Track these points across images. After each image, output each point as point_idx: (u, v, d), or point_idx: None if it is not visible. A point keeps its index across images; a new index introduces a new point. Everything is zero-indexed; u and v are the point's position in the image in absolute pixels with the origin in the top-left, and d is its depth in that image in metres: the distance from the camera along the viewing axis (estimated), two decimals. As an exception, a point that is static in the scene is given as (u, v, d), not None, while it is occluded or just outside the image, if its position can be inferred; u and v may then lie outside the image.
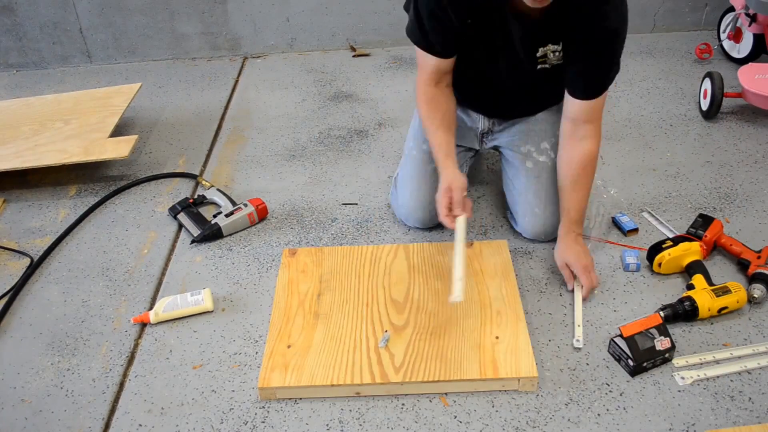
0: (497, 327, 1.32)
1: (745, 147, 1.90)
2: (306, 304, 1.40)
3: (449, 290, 1.27)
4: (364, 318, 1.36)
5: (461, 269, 1.27)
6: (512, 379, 1.22)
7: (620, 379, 1.25)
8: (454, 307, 1.36)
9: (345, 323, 1.35)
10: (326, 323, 1.35)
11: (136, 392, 1.29)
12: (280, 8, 2.52)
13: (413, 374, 1.23)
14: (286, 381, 1.23)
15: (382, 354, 1.27)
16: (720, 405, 1.20)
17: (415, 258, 1.51)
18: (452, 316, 1.35)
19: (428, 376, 1.23)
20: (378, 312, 1.37)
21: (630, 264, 1.49)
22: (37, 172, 1.89)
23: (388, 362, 1.25)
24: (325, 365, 1.26)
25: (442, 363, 1.25)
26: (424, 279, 1.45)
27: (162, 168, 1.95)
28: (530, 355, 1.25)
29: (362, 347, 1.29)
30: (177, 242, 1.67)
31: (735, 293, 1.35)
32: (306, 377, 1.24)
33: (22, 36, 2.53)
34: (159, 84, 2.44)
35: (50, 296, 1.53)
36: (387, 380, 1.22)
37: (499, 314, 1.35)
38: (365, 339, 1.31)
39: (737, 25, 2.26)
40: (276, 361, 1.27)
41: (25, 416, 1.26)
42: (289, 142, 2.05)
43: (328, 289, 1.43)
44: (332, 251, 1.54)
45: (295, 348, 1.30)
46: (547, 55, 1.36)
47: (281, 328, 1.35)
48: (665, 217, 1.64)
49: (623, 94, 2.18)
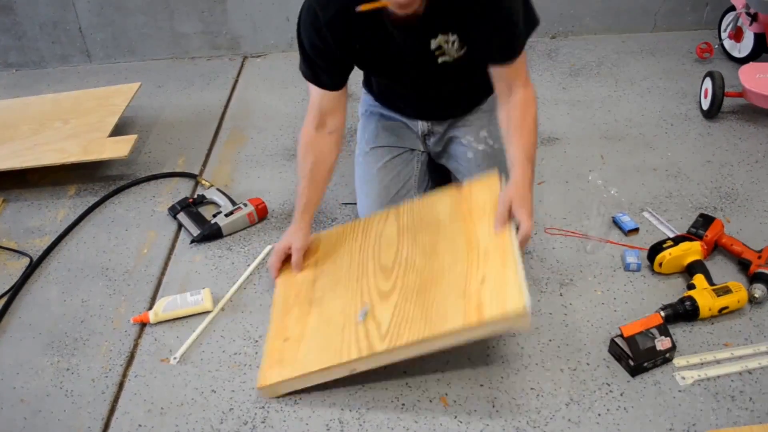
0: (484, 267, 1.19)
1: (746, 146, 1.90)
2: (302, 293, 1.37)
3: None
4: (354, 293, 1.30)
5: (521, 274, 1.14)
6: (499, 321, 1.10)
7: (621, 380, 1.25)
8: (441, 257, 1.27)
9: (335, 304, 1.30)
10: (319, 308, 1.31)
11: (135, 392, 1.29)
12: (279, 7, 2.52)
13: (398, 338, 1.15)
14: (282, 375, 1.21)
15: (369, 325, 1.21)
16: (721, 405, 1.20)
17: (405, 218, 1.42)
18: (439, 268, 1.25)
19: (412, 336, 1.14)
20: (367, 284, 1.30)
21: (630, 264, 1.48)
22: (37, 171, 1.89)
23: (374, 332, 1.19)
24: (317, 350, 1.22)
25: (425, 321, 1.16)
26: (412, 237, 1.36)
27: (161, 167, 1.95)
28: (518, 288, 1.10)
29: (350, 323, 1.23)
30: (177, 242, 1.67)
31: (736, 293, 1.35)
32: (299, 367, 1.21)
33: (22, 35, 2.53)
34: (158, 83, 2.44)
35: (50, 296, 1.53)
36: (373, 350, 1.16)
37: (487, 253, 1.21)
38: (353, 315, 1.25)
39: (738, 24, 2.26)
40: (272, 358, 1.25)
41: (24, 416, 1.25)
42: (289, 141, 2.05)
43: (322, 273, 1.39)
44: (325, 235, 1.50)
45: (291, 340, 1.27)
46: (442, 46, 1.31)
47: (279, 322, 1.32)
48: (666, 217, 1.64)
49: (624, 93, 2.18)
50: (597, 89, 2.20)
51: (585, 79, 2.27)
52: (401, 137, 1.59)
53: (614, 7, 2.50)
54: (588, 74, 2.29)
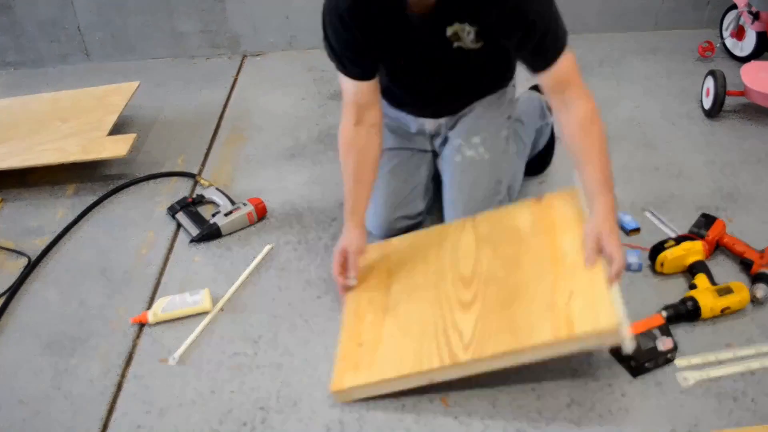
0: (571, 282, 1.17)
1: (748, 146, 1.89)
2: (376, 299, 1.34)
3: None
4: (432, 301, 1.27)
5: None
6: (590, 336, 1.08)
7: (622, 380, 1.24)
8: (525, 271, 1.24)
9: (412, 311, 1.27)
10: (395, 315, 1.29)
11: (134, 393, 1.28)
12: (279, 6, 2.51)
13: (482, 350, 1.13)
14: (358, 380, 1.20)
15: (451, 334, 1.18)
16: (723, 406, 1.19)
17: (482, 228, 1.38)
18: (523, 281, 1.22)
19: (497, 348, 1.12)
20: (445, 292, 1.28)
21: (632, 264, 1.48)
22: (35, 171, 1.88)
23: (457, 341, 1.16)
24: (394, 357, 1.19)
25: (511, 333, 1.13)
26: (492, 248, 1.33)
27: (161, 167, 1.95)
28: (609, 305, 1.09)
29: (429, 332, 1.21)
30: (176, 242, 1.66)
31: (738, 293, 1.34)
32: (376, 373, 1.19)
33: (20, 34, 2.52)
34: (157, 82, 2.43)
35: (48, 296, 1.52)
36: (456, 360, 1.13)
37: (574, 267, 1.19)
38: (433, 323, 1.22)
39: (740, 23, 2.25)
40: (347, 362, 1.24)
41: (23, 417, 1.25)
42: (289, 141, 2.04)
43: (396, 281, 1.36)
44: (398, 242, 1.47)
45: (366, 345, 1.25)
46: (458, 33, 1.30)
47: (352, 327, 1.31)
48: (667, 217, 1.63)
49: (625, 92, 2.17)
50: (598, 88, 2.18)
51: (586, 78, 2.19)
52: (409, 139, 1.58)
53: (615, 6, 2.49)
54: (589, 73, 2.28)
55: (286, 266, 1.56)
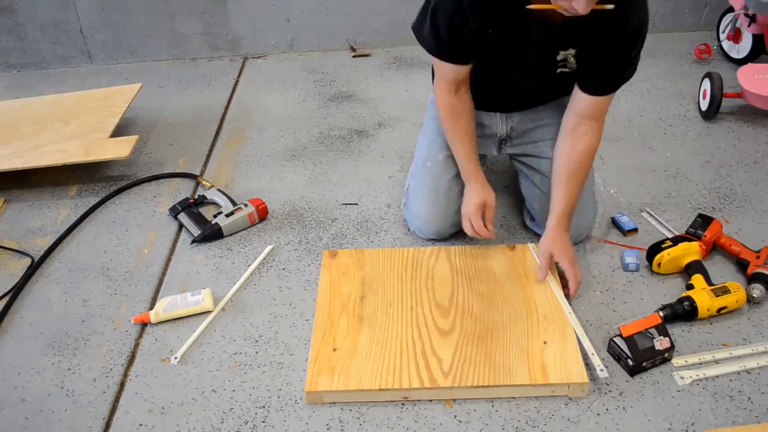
0: (544, 332, 1.31)
1: (745, 147, 1.90)
2: (349, 306, 1.39)
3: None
4: (410, 321, 1.35)
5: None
6: (562, 385, 1.21)
7: (620, 379, 1.26)
8: (500, 312, 1.36)
9: (390, 326, 1.34)
10: (371, 326, 1.34)
11: (136, 392, 1.29)
12: (280, 8, 2.53)
13: (462, 379, 1.22)
14: (334, 385, 1.22)
15: (430, 358, 1.26)
16: (719, 405, 1.20)
17: (458, 261, 1.49)
18: (498, 321, 1.34)
19: (477, 380, 1.22)
20: (423, 315, 1.36)
21: (629, 264, 1.49)
22: (38, 172, 1.89)
23: (437, 366, 1.25)
24: (372, 369, 1.25)
25: (490, 368, 1.24)
26: (467, 282, 1.44)
27: (162, 168, 1.96)
28: (579, 361, 1.24)
29: (409, 351, 1.28)
30: (177, 242, 1.67)
31: (734, 293, 1.35)
32: (353, 381, 1.23)
33: (23, 36, 2.53)
34: (159, 84, 2.45)
35: (51, 296, 1.53)
36: (436, 385, 1.21)
37: (546, 319, 1.34)
38: (411, 343, 1.30)
39: (736, 25, 2.27)
40: (322, 365, 1.26)
41: (25, 416, 1.26)
42: (290, 142, 2.06)
43: (371, 292, 1.42)
44: (373, 253, 1.53)
45: (341, 351, 1.29)
46: (567, 59, 1.33)
47: (326, 330, 1.34)
48: (664, 217, 1.64)
49: (623, 94, 2.18)
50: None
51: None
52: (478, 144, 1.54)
53: (613, 8, 2.50)
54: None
55: (286, 266, 1.57)
